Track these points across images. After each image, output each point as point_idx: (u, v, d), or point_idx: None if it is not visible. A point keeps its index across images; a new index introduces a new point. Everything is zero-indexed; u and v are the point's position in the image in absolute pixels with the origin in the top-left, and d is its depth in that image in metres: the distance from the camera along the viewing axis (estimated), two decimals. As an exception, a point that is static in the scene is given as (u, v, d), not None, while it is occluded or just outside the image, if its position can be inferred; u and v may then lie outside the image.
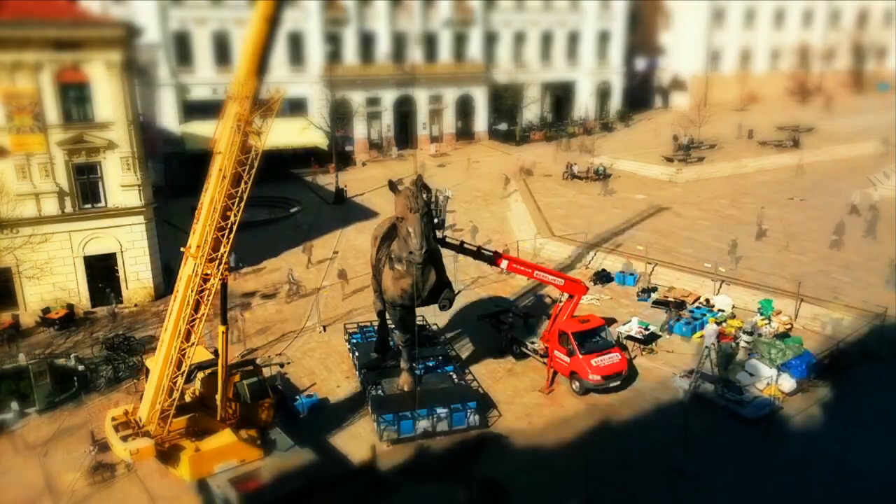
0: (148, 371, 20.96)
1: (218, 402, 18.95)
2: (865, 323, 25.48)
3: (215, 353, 20.23)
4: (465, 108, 63.50)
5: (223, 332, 18.46)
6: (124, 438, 18.73)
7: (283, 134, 53.62)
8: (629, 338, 25.84)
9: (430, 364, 23.58)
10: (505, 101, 63.86)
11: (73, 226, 29.54)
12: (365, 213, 42.57)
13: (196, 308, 17.51)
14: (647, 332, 26.08)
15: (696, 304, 28.79)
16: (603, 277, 32.24)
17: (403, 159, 55.84)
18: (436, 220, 21.88)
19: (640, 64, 75.44)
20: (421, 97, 60.96)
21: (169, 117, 53.06)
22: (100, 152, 29.32)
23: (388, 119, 60.17)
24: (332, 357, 26.30)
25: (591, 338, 23.59)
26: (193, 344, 17.87)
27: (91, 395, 23.79)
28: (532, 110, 65.67)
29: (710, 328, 24.88)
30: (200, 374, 20.13)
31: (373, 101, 59.28)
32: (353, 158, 56.76)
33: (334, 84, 53.02)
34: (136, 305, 30.75)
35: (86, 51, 28.37)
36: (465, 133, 63.55)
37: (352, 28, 57.12)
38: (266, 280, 33.88)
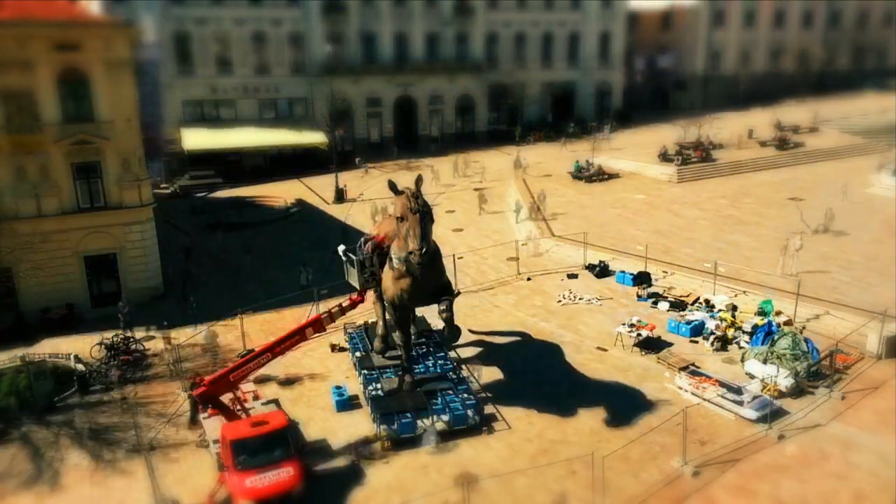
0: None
1: None
2: (865, 322, 25.48)
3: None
4: (464, 109, 63.55)
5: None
6: None
7: (283, 133, 53.86)
8: (640, 345, 25.76)
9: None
10: (505, 102, 63.89)
11: (73, 225, 29.53)
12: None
13: None
14: (643, 337, 25.86)
15: (696, 305, 28.77)
16: (602, 271, 32.39)
17: (409, 169, 55.53)
18: None
19: (640, 63, 75.56)
20: (421, 97, 60.98)
21: (169, 117, 53.08)
22: (100, 152, 29.33)
23: (388, 119, 60.21)
24: (332, 357, 26.30)
25: (261, 447, 18.32)
26: None
27: (91, 395, 23.83)
28: (532, 111, 65.69)
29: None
30: None
31: (373, 102, 59.32)
32: (358, 162, 56.42)
33: (334, 84, 53.08)
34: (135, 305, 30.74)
35: (86, 51, 28.39)
36: (464, 133, 63.56)
37: (352, 28, 57.16)
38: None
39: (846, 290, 28.93)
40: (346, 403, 22.63)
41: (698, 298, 29.23)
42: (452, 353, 25.26)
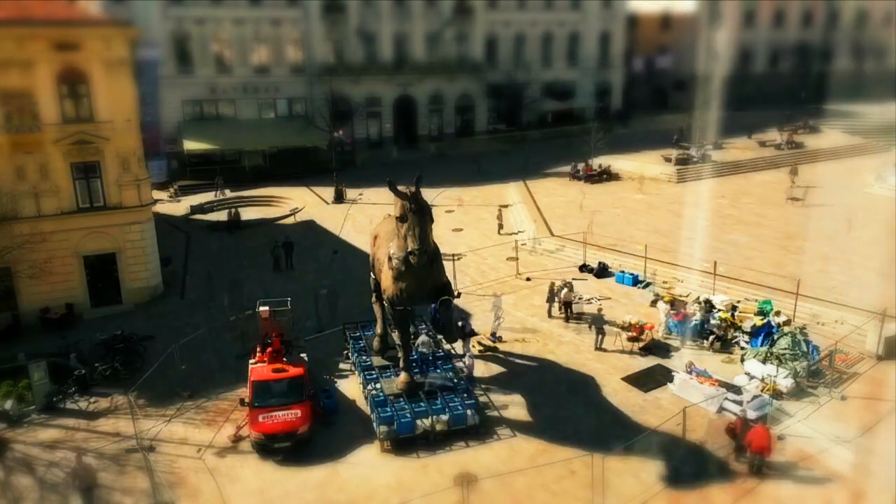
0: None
1: None
2: (864, 322, 25.48)
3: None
4: (464, 108, 63.48)
5: None
6: None
7: (283, 133, 53.79)
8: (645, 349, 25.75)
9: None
10: (505, 101, 63.80)
11: (73, 225, 29.48)
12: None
13: None
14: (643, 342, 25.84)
15: (697, 306, 28.70)
16: (600, 271, 32.35)
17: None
18: None
19: (639, 63, 75.42)
20: (421, 97, 60.93)
21: (169, 117, 53.04)
22: (99, 152, 29.29)
23: (388, 119, 60.15)
24: (331, 357, 26.29)
25: (277, 390, 21.20)
26: None
27: (90, 395, 23.78)
28: (532, 110, 65.58)
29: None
30: None
31: (373, 101, 59.26)
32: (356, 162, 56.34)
33: (334, 83, 53.01)
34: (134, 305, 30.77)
35: (85, 51, 28.37)
36: (464, 133, 63.50)
37: (352, 28, 57.10)
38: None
39: (846, 290, 28.94)
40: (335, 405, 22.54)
41: (698, 298, 29.20)
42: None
